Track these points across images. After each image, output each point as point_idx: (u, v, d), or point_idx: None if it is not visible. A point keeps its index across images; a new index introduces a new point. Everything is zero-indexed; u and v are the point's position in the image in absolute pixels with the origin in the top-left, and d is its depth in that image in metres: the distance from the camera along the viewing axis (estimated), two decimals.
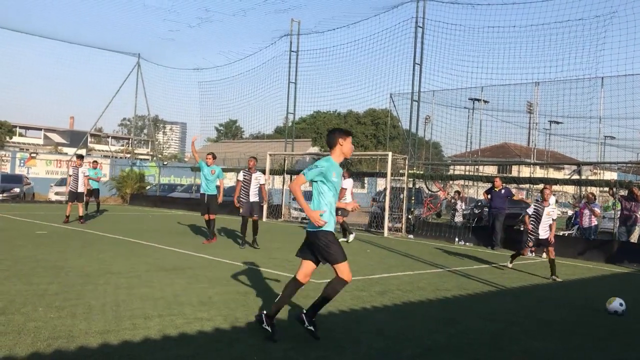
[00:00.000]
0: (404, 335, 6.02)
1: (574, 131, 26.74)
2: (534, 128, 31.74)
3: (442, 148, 39.06)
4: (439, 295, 8.34)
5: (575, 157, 26.87)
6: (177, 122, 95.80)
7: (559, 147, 34.10)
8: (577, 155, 25.31)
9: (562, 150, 34.85)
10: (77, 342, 5.01)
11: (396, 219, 18.74)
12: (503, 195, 15.95)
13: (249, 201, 12.90)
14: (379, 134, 70.02)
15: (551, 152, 36.13)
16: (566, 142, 31.98)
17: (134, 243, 12.54)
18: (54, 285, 7.40)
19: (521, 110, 30.39)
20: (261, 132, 57.10)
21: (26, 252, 10.20)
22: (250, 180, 12.90)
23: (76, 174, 16.79)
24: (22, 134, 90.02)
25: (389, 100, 27.66)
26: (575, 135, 26.86)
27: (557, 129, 32.77)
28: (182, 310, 6.42)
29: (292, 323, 6.19)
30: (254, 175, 13.01)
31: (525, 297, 8.96)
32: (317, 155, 51.71)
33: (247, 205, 12.87)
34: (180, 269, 9.26)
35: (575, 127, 26.48)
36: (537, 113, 29.08)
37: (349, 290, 8.21)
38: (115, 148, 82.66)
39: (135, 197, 30.24)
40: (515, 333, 6.46)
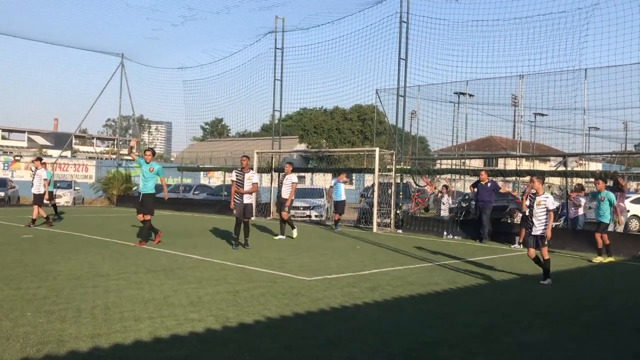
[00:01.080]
0: (397, 330, 6.02)
1: (558, 123, 26.98)
2: (519, 121, 31.98)
3: (429, 142, 39.25)
4: (430, 290, 8.36)
5: (561, 148, 27.12)
6: (162, 121, 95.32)
7: (544, 139, 34.39)
8: (563, 147, 25.58)
9: (547, 142, 35.16)
10: (68, 347, 4.95)
11: (385, 214, 18.76)
12: (489, 188, 16.02)
13: (242, 202, 12.68)
14: (365, 130, 70.09)
15: (536, 145, 36.37)
16: (551, 134, 32.29)
17: (122, 245, 12.44)
18: (42, 289, 7.32)
19: (506, 103, 30.59)
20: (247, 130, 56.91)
21: (13, 256, 10.08)
22: (243, 180, 12.76)
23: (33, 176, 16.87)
24: (5, 136, 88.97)
25: (375, 96, 27.72)
26: (560, 127, 27.09)
27: (542, 121, 33.02)
28: (173, 312, 6.37)
29: (287, 321, 6.18)
30: (247, 175, 12.82)
31: (516, 290, 9.01)
32: (304, 152, 51.73)
33: (241, 206, 12.64)
34: (169, 270, 9.19)
35: (560, 119, 26.73)
36: (522, 106, 29.29)
37: (340, 287, 8.22)
38: (101, 149, 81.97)
39: (122, 198, 30.02)
40: (508, 326, 6.49)
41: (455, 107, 31.12)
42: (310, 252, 12.34)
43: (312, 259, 11.16)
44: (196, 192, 30.18)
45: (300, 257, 11.36)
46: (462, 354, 5.27)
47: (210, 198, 27.85)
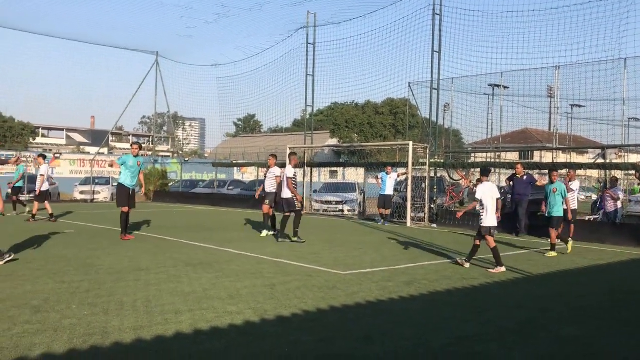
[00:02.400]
0: (434, 325, 6.03)
1: (597, 114, 26.36)
2: (555, 112, 31.34)
3: (463, 135, 38.82)
4: (466, 284, 8.33)
5: (599, 140, 26.49)
6: (196, 118, 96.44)
7: (582, 131, 33.62)
8: (601, 139, 24.94)
9: (584, 134, 34.34)
10: (112, 338, 5.11)
11: (419, 208, 18.68)
12: (526, 182, 15.81)
13: (282, 198, 13.10)
14: (397, 124, 69.71)
15: (573, 137, 35.65)
16: (589, 126, 31.52)
17: (160, 239, 12.70)
18: (85, 282, 7.54)
19: (542, 95, 30.06)
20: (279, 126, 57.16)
21: (56, 251, 10.40)
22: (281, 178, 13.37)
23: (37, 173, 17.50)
24: (45, 134, 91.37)
25: (408, 90, 27.54)
26: (598, 119, 26.49)
27: (579, 113, 32.33)
28: (212, 305, 6.50)
29: (324, 314, 6.25)
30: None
31: (553, 284, 8.89)
32: (336, 147, 51.72)
33: (280, 202, 13.23)
34: (207, 264, 9.36)
35: (598, 110, 26.09)
36: (559, 97, 28.70)
37: (376, 281, 8.25)
38: None
39: (158, 194, 30.56)
40: (545, 320, 6.43)
41: (490, 100, 30.75)
42: (344, 246, 12.39)
43: (346, 254, 11.21)
44: (230, 188, 30.53)
45: (334, 252, 11.42)
46: (498, 349, 5.26)
47: (244, 193, 28.15)
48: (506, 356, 5.04)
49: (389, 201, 18.61)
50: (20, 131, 69.83)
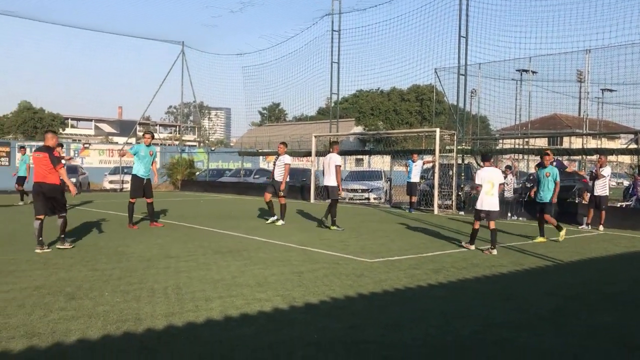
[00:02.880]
0: (462, 312, 6.00)
1: (629, 99, 25.77)
2: (585, 97, 30.74)
3: (490, 122, 38.34)
4: (495, 272, 8.27)
5: (632, 125, 25.93)
6: (221, 107, 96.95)
7: (613, 116, 32.96)
8: (634, 124, 24.40)
9: (616, 119, 33.62)
10: (144, 325, 5.21)
11: (446, 196, 18.55)
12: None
13: (325, 185, 13.57)
14: (423, 110, 69.11)
15: (604, 122, 34.93)
16: (621, 110, 30.90)
17: (189, 227, 12.86)
18: (117, 270, 7.69)
19: (571, 79, 29.48)
20: (304, 114, 57.12)
21: (88, 239, 10.60)
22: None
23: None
24: (74, 125, 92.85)
25: (434, 76, 27.28)
26: (630, 103, 25.88)
27: (610, 98, 31.67)
28: (241, 292, 6.57)
29: (352, 301, 6.27)
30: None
31: (585, 271, 8.78)
32: (361, 134, 51.52)
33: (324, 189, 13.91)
34: (235, 251, 9.45)
35: (630, 95, 25.49)
36: (589, 82, 28.12)
37: (403, 269, 8.24)
38: (164, 135, 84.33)
39: (185, 183, 30.90)
40: (577, 308, 6.36)
41: (518, 85, 30.28)
42: (371, 234, 12.39)
43: (373, 241, 11.20)
44: (256, 176, 30.68)
45: (361, 239, 11.42)
46: (528, 336, 5.21)
47: (269, 182, 28.23)
48: (537, 343, 5.00)
49: (415, 188, 18.53)
50: (50, 122, 70.94)
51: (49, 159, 9.34)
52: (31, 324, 5.16)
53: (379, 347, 4.78)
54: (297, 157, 32.69)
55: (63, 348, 4.57)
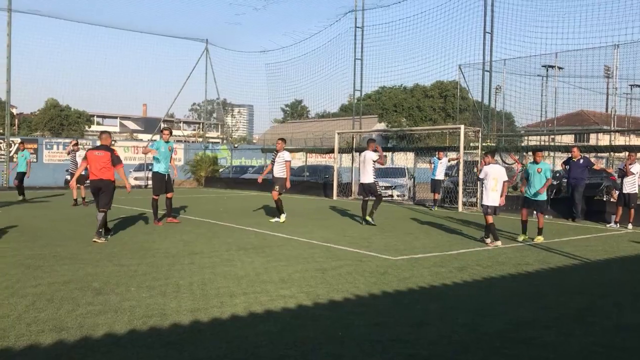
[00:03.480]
0: (488, 310, 5.93)
1: None
2: (613, 93, 30.19)
3: (515, 118, 37.89)
4: (521, 270, 8.16)
5: None
6: (244, 104, 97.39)
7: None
8: None
9: None
10: (170, 320, 5.25)
11: (470, 193, 18.38)
12: (582, 165, 15.31)
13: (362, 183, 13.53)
14: (447, 107, 68.52)
15: (632, 118, 34.30)
16: None
17: (213, 224, 12.93)
18: (142, 266, 7.76)
19: (599, 75, 28.98)
20: (326, 111, 56.95)
21: (114, 235, 10.71)
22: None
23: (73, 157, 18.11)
24: (100, 122, 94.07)
25: (458, 72, 27.07)
26: None
27: (638, 94, 31.08)
28: (265, 288, 6.58)
29: (376, 299, 6.24)
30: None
31: (614, 271, 8.62)
32: (385, 131, 51.32)
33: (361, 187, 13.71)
34: (259, 248, 9.48)
35: None
36: (617, 77, 27.62)
37: (427, 267, 8.18)
38: (187, 132, 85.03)
39: (209, 179, 31.11)
40: (606, 307, 6.25)
41: (544, 81, 29.88)
42: (394, 231, 12.32)
43: (397, 239, 11.14)
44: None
45: (385, 237, 11.37)
46: (556, 335, 5.13)
47: (292, 178, 28.18)
48: (565, 343, 4.92)
49: (439, 186, 18.39)
50: (76, 119, 71.97)
51: (110, 158, 10.17)
52: (60, 318, 5.24)
53: (404, 345, 4.75)
54: (320, 154, 32.70)
55: (90, 342, 4.62)
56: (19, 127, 63.88)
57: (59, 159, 32.19)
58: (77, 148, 18.32)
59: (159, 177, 12.88)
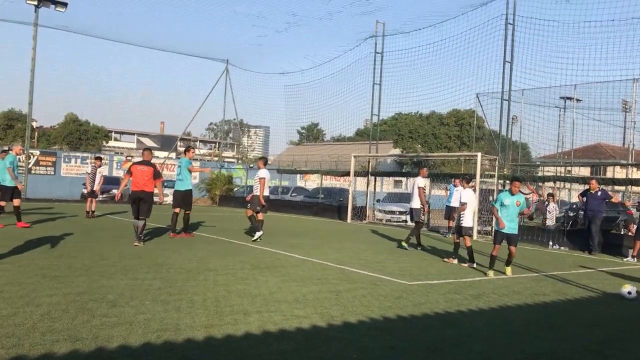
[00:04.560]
0: (505, 339, 5.85)
1: None
2: (632, 127, 29.97)
3: (530, 149, 37.74)
4: (537, 300, 8.05)
5: None
6: (261, 125, 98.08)
7: None
8: None
9: None
10: (184, 335, 5.23)
11: (485, 222, 18.24)
12: (600, 198, 15.15)
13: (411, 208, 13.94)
14: (462, 135, 68.54)
15: None
16: None
17: (227, 242, 12.94)
18: (157, 280, 7.76)
19: (617, 108, 28.81)
20: (342, 135, 57.12)
21: (130, 249, 10.75)
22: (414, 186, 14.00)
23: (94, 173, 18.16)
24: (117, 138, 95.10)
25: (475, 100, 27.09)
26: None
27: None
28: (279, 308, 6.55)
29: (391, 322, 6.18)
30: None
31: (633, 305, 8.46)
32: (402, 157, 51.31)
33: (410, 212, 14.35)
34: (273, 268, 9.45)
35: None
36: (635, 111, 27.44)
37: (442, 293, 8.11)
38: (203, 151, 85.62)
39: (223, 198, 31.18)
40: (626, 341, 6.13)
41: (561, 112, 29.77)
42: (409, 256, 12.24)
43: (411, 264, 11.07)
44: (294, 194, 30.80)
45: (399, 261, 11.30)
46: None
47: (307, 200, 28.33)
48: None
49: (454, 213, 18.27)
50: (95, 134, 72.84)
51: (152, 172, 11.65)
52: (75, 328, 5.24)
53: None
54: (335, 177, 32.72)
55: (105, 353, 4.62)
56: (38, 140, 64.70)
57: (76, 172, 32.52)
58: (99, 164, 18.50)
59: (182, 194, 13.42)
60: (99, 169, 18.29)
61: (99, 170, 18.25)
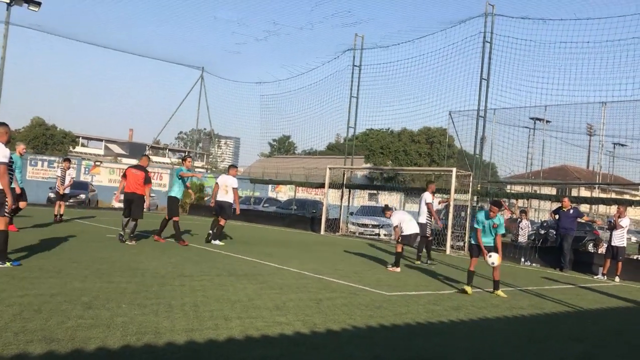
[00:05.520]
0: (489, 350, 5.83)
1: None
2: (599, 150, 30.70)
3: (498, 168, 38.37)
4: (516, 313, 8.07)
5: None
6: (231, 136, 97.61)
7: (623, 172, 32.69)
8: None
9: (626, 174, 33.43)
10: (165, 338, 5.05)
11: (458, 237, 18.36)
12: (572, 216, 15.39)
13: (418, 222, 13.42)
14: (433, 153, 69.23)
15: (614, 176, 34.77)
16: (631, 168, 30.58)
17: (201, 249, 12.70)
18: (132, 284, 7.53)
19: (584, 131, 29.49)
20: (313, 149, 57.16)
21: (101, 253, 10.45)
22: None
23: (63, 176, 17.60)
24: (85, 144, 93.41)
25: (448, 118, 27.38)
26: None
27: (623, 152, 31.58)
28: (260, 314, 6.40)
29: (374, 331, 6.10)
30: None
31: (607, 320, 8.57)
32: (377, 169, 51.51)
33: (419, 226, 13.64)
34: (250, 275, 9.28)
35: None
36: (603, 134, 28.11)
37: (422, 304, 8.07)
38: (173, 160, 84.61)
39: (194, 207, 30.76)
40: (605, 356, 6.16)
41: (531, 133, 30.31)
42: (384, 268, 12.19)
43: (388, 275, 11.03)
44: (266, 205, 30.59)
45: (376, 272, 11.24)
46: None
47: (280, 211, 28.15)
48: None
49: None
50: (62, 139, 71.32)
51: (144, 177, 12.60)
52: (49, 329, 5.02)
53: None
54: (308, 189, 32.62)
55: (83, 355, 4.43)
56: None
57: (42, 176, 31.75)
58: (68, 165, 18.03)
59: (176, 200, 13.52)
60: (68, 172, 17.84)
61: (68, 173, 17.81)
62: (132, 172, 12.68)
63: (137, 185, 12.47)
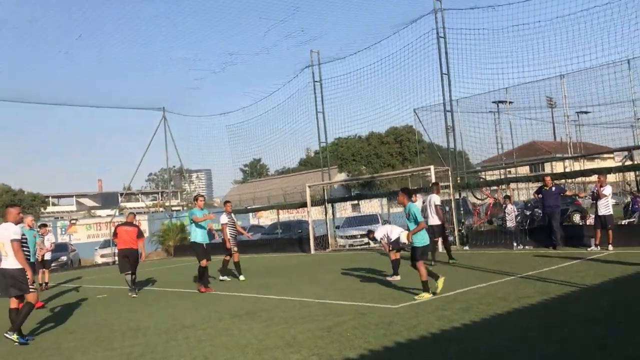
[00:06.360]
0: (509, 348, 5.72)
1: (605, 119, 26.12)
2: (565, 122, 31.13)
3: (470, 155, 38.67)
4: (525, 304, 7.99)
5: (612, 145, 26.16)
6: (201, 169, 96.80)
7: (589, 138, 33.21)
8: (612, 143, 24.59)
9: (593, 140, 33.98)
10: None
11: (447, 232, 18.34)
12: (555, 193, 15.51)
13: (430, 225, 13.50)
14: (404, 151, 69.66)
15: (583, 144, 35.31)
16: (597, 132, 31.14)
17: (195, 293, 12.43)
18: (136, 347, 7.28)
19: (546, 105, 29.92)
20: (286, 167, 57.07)
21: (96, 317, 10.14)
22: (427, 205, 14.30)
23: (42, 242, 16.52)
24: (55, 203, 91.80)
25: (413, 116, 27.51)
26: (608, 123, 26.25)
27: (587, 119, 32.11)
28: (274, 355, 6.22)
29: (391, 351, 5.96)
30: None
31: (616, 294, 8.53)
32: (356, 179, 51.55)
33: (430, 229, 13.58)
34: (252, 313, 9.08)
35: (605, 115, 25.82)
36: (567, 105, 28.53)
37: (431, 311, 7.96)
38: (147, 203, 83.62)
39: (178, 248, 30.32)
40: (626, 333, 6.10)
41: (496, 117, 30.66)
42: (383, 278, 12.08)
43: (389, 285, 10.91)
44: (250, 233, 30.25)
45: (377, 286, 11.12)
46: None
47: (265, 237, 27.88)
48: None
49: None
50: (31, 202, 70.00)
51: (137, 232, 13.24)
52: None
53: None
54: (289, 210, 32.38)
55: None
56: None
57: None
58: (45, 231, 17.57)
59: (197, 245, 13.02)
60: (47, 237, 17.41)
61: (47, 238, 17.36)
62: (124, 229, 13.20)
63: (131, 241, 13.05)
